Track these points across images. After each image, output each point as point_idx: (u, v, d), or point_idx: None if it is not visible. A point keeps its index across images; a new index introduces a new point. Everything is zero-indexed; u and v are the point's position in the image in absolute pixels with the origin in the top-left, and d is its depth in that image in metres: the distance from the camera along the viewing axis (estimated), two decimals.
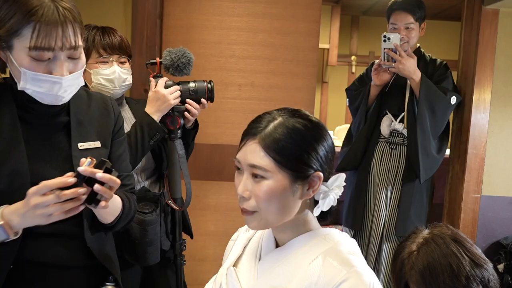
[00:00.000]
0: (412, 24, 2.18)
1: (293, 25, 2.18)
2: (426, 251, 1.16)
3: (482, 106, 2.17)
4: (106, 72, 1.53)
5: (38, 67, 0.95)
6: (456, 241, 1.19)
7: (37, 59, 0.95)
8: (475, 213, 2.22)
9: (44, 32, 0.92)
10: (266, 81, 2.20)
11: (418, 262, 1.16)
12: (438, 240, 1.18)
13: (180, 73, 1.61)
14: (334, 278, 0.84)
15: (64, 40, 0.95)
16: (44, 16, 0.92)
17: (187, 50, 1.63)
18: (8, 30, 0.94)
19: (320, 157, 0.88)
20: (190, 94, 1.62)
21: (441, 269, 1.14)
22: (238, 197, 0.90)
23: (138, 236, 1.51)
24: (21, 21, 0.92)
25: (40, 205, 0.88)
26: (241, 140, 0.90)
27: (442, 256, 1.15)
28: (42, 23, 0.92)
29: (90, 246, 1.08)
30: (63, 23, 0.94)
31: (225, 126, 2.19)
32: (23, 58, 0.95)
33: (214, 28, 2.16)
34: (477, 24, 2.14)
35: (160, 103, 1.56)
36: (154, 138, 1.55)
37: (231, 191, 2.20)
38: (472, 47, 2.18)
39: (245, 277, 0.95)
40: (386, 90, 2.25)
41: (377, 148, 2.25)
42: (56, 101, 1.01)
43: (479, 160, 2.19)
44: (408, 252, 1.20)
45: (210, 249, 2.23)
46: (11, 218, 0.91)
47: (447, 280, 1.13)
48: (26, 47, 0.94)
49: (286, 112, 0.90)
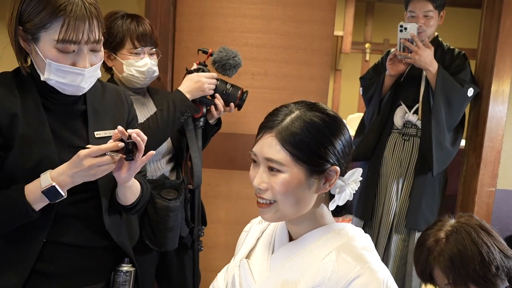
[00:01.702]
0: (431, 12, 2.12)
1: (308, 13, 2.14)
2: (457, 239, 1.16)
3: (500, 98, 2.12)
4: (139, 64, 1.56)
5: (63, 58, 1.01)
6: (486, 231, 1.19)
7: (63, 51, 1.01)
8: (489, 206, 2.19)
9: (72, 26, 0.99)
10: (280, 70, 2.18)
11: (447, 249, 1.16)
12: (468, 228, 1.18)
13: (224, 72, 1.66)
14: (347, 274, 0.84)
15: (90, 34, 1.01)
16: (73, 12, 0.98)
17: (239, 55, 1.69)
18: (37, 23, 0.99)
19: (337, 151, 0.87)
20: (222, 94, 1.66)
21: (472, 257, 1.14)
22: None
23: (161, 222, 1.56)
24: (51, 15, 0.98)
25: (94, 166, 0.99)
26: (258, 133, 0.90)
27: (473, 244, 1.15)
28: (71, 18, 0.98)
29: (108, 228, 1.14)
30: (90, 18, 1.01)
31: (237, 115, 2.17)
32: (49, 50, 1.01)
33: (227, 16, 2.14)
34: (498, 13, 2.07)
35: (196, 86, 1.59)
36: (185, 115, 1.58)
37: (243, 180, 2.21)
38: (492, 37, 2.12)
39: (257, 270, 0.96)
40: (401, 81, 2.21)
41: (390, 139, 2.23)
42: (77, 91, 1.07)
43: (495, 153, 2.15)
44: (435, 239, 1.20)
45: (221, 236, 2.25)
46: (62, 178, 1.00)
47: (477, 268, 1.14)
48: (54, 40, 0.99)
49: (303, 105, 0.89)
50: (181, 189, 1.63)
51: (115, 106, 1.19)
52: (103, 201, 1.13)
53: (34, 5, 0.99)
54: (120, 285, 1.17)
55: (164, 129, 1.54)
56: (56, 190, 0.99)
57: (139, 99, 1.65)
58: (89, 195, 1.11)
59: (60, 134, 1.07)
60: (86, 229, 1.11)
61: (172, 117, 1.54)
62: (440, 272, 1.18)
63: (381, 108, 2.24)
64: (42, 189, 0.99)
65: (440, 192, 2.21)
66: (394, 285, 0.85)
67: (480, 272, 1.14)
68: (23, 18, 1.01)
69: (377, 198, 2.25)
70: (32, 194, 1.00)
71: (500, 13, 2.06)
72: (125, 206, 1.17)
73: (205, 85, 1.60)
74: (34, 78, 1.07)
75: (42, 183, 0.99)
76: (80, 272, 1.12)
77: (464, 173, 2.31)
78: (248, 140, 2.17)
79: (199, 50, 1.68)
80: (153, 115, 1.56)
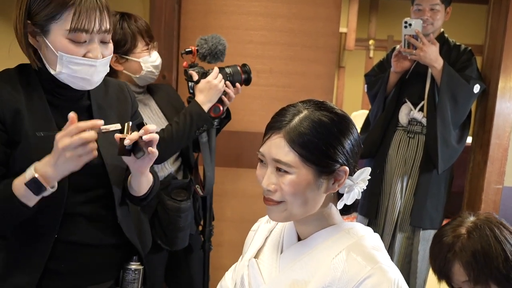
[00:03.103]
0: (438, 5, 2.09)
1: (312, 10, 2.13)
2: (480, 235, 1.15)
3: (507, 94, 2.10)
4: (153, 58, 1.57)
5: (74, 49, 1.00)
6: (507, 229, 1.17)
7: (75, 40, 1.00)
8: (496, 204, 2.17)
9: (84, 14, 0.98)
10: (285, 67, 2.17)
11: (470, 244, 1.14)
12: (491, 225, 1.16)
13: (217, 60, 1.63)
14: (358, 274, 0.84)
15: (101, 23, 1.01)
16: (83, 1, 0.98)
17: (221, 36, 1.65)
18: (47, 15, 0.98)
19: (346, 151, 0.86)
20: (228, 79, 1.63)
21: (495, 254, 1.12)
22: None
23: (172, 222, 1.55)
24: (61, 6, 0.98)
25: (68, 148, 0.92)
26: (265, 134, 0.89)
27: (496, 242, 1.14)
28: (82, 7, 0.98)
29: (121, 222, 1.13)
30: (100, 7, 1.01)
31: (242, 113, 2.17)
32: (60, 41, 1.00)
33: (232, 13, 2.13)
34: (506, 9, 2.05)
35: (212, 92, 1.57)
36: (201, 129, 1.57)
37: (249, 178, 2.20)
38: (500, 33, 2.10)
39: (266, 269, 0.95)
40: (406, 77, 2.19)
41: (395, 136, 2.21)
42: (88, 85, 1.06)
43: (502, 150, 2.13)
44: (456, 235, 1.18)
45: (227, 235, 2.25)
46: (45, 170, 0.95)
47: (500, 266, 1.12)
48: (65, 30, 0.99)
49: (311, 104, 0.88)
50: (190, 189, 1.62)
51: (118, 100, 1.19)
52: (116, 195, 1.12)
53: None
54: (129, 283, 1.16)
55: (179, 142, 1.53)
56: (39, 183, 0.94)
57: (142, 99, 1.64)
58: (100, 192, 1.10)
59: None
60: (96, 226, 1.11)
61: (188, 130, 1.53)
62: (461, 268, 1.16)
63: (385, 105, 2.22)
64: (26, 181, 0.95)
65: (445, 190, 2.20)
66: (405, 285, 0.85)
67: (504, 270, 1.12)
68: (31, 12, 1.00)
69: (382, 196, 2.24)
70: (18, 189, 0.96)
71: (507, 9, 2.04)
72: (139, 196, 1.16)
73: (219, 85, 1.58)
74: (39, 74, 1.06)
75: (27, 176, 0.96)
76: (89, 270, 1.12)
77: (470, 171, 2.30)
78: (254, 138, 2.17)
79: (183, 53, 1.65)
80: (168, 126, 1.55)
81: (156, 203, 1.58)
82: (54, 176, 0.96)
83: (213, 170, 1.67)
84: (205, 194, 1.67)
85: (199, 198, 1.71)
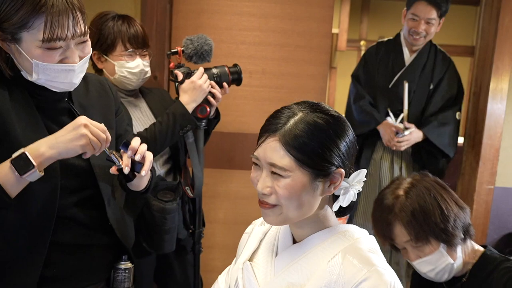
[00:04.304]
0: (434, 20, 2.11)
1: (306, 11, 2.12)
2: (417, 194, 1.20)
3: (499, 95, 2.12)
4: (131, 65, 1.53)
5: (50, 57, 0.96)
6: (442, 186, 1.23)
7: (49, 48, 0.95)
8: (488, 204, 2.19)
9: (56, 23, 0.92)
10: (278, 68, 2.16)
11: (408, 204, 1.19)
12: (426, 184, 1.22)
13: (203, 60, 1.61)
14: (354, 277, 0.83)
15: (75, 27, 0.95)
16: (55, 6, 0.92)
17: (208, 37, 1.63)
18: (16, 23, 0.92)
19: (342, 153, 0.85)
20: (214, 80, 1.62)
21: (433, 210, 1.17)
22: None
23: (157, 224, 1.53)
24: (31, 13, 0.91)
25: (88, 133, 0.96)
26: (260, 136, 0.87)
27: (432, 198, 1.19)
28: (53, 14, 0.91)
29: (112, 223, 1.13)
30: (73, 10, 0.94)
31: (235, 114, 2.16)
32: (34, 50, 0.95)
33: (225, 13, 2.11)
34: (497, 11, 2.07)
35: (197, 92, 1.56)
36: (185, 129, 1.55)
37: (241, 179, 2.19)
38: (491, 35, 2.12)
39: (261, 273, 0.94)
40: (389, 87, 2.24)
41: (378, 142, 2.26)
42: (69, 88, 1.04)
43: (494, 150, 2.15)
44: (394, 196, 1.22)
45: (219, 236, 2.23)
46: (37, 147, 0.93)
47: (438, 220, 1.17)
48: (38, 40, 0.93)
49: (306, 106, 0.87)
50: (178, 191, 1.60)
51: (100, 97, 1.16)
52: (105, 196, 1.11)
53: (11, 2, 0.92)
54: (120, 283, 1.16)
55: (162, 142, 1.52)
56: (27, 159, 0.91)
57: (132, 101, 1.62)
58: (88, 193, 1.09)
59: (53, 131, 1.02)
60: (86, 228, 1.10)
61: (171, 130, 1.52)
62: (402, 228, 1.20)
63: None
64: (11, 158, 0.91)
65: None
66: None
67: (441, 225, 1.17)
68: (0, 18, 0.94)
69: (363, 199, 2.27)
70: (1, 171, 0.92)
71: (498, 11, 2.06)
72: (139, 191, 1.16)
73: (204, 85, 1.57)
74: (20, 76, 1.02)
75: (13, 155, 0.93)
76: (81, 272, 1.10)
77: (462, 171, 2.31)
78: (246, 139, 2.15)
79: (169, 54, 1.63)
80: (151, 126, 1.53)
81: (143, 204, 1.56)
82: (48, 153, 0.94)
83: (201, 171, 1.66)
84: (194, 195, 1.65)
85: (188, 201, 1.68)
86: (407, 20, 2.16)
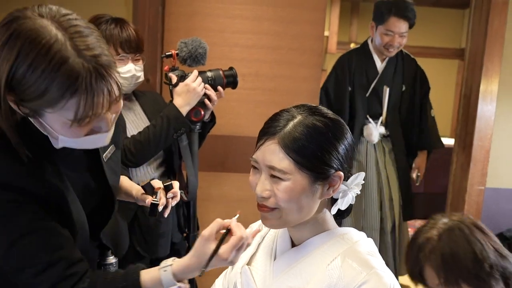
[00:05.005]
0: (406, 32, 2.27)
1: (298, 13, 2.13)
2: (449, 236, 1.14)
3: (489, 97, 2.14)
4: (122, 70, 1.51)
5: (79, 131, 0.83)
6: (480, 229, 1.17)
7: (80, 125, 0.82)
8: (479, 205, 2.21)
9: (90, 103, 0.79)
10: (270, 70, 2.16)
11: (439, 247, 1.14)
12: (462, 226, 1.16)
13: (198, 63, 1.60)
14: (353, 280, 0.83)
15: (110, 99, 0.82)
16: (89, 87, 0.77)
17: (202, 40, 1.62)
18: (43, 104, 0.78)
19: (341, 156, 0.85)
20: (209, 83, 1.61)
21: (464, 254, 1.12)
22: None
23: (151, 228, 1.51)
24: (61, 96, 0.77)
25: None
26: (259, 139, 0.87)
27: (466, 242, 1.13)
28: (88, 95, 0.78)
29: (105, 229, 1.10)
30: (107, 82, 0.80)
31: (228, 116, 2.15)
32: (60, 127, 0.82)
33: (217, 16, 2.11)
34: (486, 13, 2.10)
35: (190, 95, 1.55)
36: (179, 132, 1.54)
37: (234, 182, 2.18)
38: (481, 37, 2.14)
39: (260, 277, 0.93)
40: (366, 96, 2.38)
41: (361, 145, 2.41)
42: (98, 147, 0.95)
43: (485, 152, 2.17)
44: (427, 237, 1.17)
45: None
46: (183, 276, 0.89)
47: (469, 265, 1.11)
48: (67, 119, 0.80)
49: (305, 109, 0.87)
50: None
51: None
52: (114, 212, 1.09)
53: (33, 77, 0.75)
54: None
55: (156, 145, 1.51)
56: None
57: (126, 104, 1.61)
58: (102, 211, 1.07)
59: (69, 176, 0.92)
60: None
61: (165, 134, 1.51)
62: (432, 271, 1.16)
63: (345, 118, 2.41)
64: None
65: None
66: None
67: (473, 270, 1.12)
68: (15, 88, 0.77)
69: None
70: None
71: (488, 13, 2.08)
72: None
73: (198, 89, 1.56)
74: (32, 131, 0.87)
75: (164, 281, 0.87)
76: None
77: (453, 172, 2.33)
78: (239, 141, 2.15)
79: (163, 57, 1.62)
80: (145, 129, 1.52)
81: (136, 207, 1.55)
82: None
83: (196, 174, 1.65)
84: (189, 198, 1.64)
85: (183, 204, 1.67)
86: (380, 34, 2.29)
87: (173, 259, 0.90)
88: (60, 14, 0.80)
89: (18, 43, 0.76)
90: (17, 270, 0.86)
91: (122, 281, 0.88)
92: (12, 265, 0.86)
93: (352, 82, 2.37)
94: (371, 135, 2.36)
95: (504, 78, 2.14)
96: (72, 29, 0.79)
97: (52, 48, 0.76)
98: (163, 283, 0.87)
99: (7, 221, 0.84)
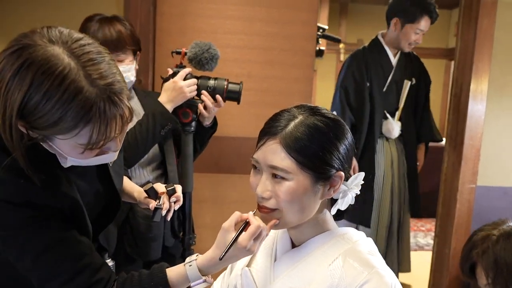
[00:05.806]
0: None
1: (290, 14, 2.13)
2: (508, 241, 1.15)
3: (479, 97, 2.17)
4: None
5: (90, 153, 0.83)
6: None
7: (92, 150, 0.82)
8: (470, 203, 2.24)
9: (103, 130, 0.79)
10: (263, 71, 2.15)
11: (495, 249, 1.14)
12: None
13: (202, 67, 1.58)
14: (355, 279, 0.83)
15: (122, 123, 0.82)
16: (102, 116, 0.77)
17: (214, 46, 1.60)
18: (53, 132, 0.78)
19: (342, 156, 0.85)
20: (207, 90, 1.59)
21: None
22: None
23: (142, 231, 1.49)
24: (75, 125, 0.76)
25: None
26: (259, 139, 0.86)
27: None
28: (101, 123, 0.78)
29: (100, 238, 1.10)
30: (119, 108, 0.79)
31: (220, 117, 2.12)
32: (71, 150, 0.82)
33: (209, 17, 2.10)
34: (476, 13, 2.12)
35: (175, 93, 1.52)
36: (166, 128, 1.52)
37: (228, 183, 2.16)
38: (470, 37, 2.17)
39: (260, 278, 0.93)
40: (383, 90, 2.43)
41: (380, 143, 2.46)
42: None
43: (475, 151, 2.20)
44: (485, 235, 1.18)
45: (207, 242, 2.17)
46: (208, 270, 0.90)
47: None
48: (78, 144, 0.80)
49: (306, 109, 0.86)
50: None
51: None
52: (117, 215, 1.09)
53: (47, 107, 0.74)
54: None
55: (144, 144, 1.49)
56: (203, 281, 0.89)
57: None
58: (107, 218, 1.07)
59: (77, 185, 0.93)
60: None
61: (152, 131, 1.49)
62: (482, 268, 1.17)
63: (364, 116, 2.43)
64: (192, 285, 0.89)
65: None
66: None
67: None
68: (27, 116, 0.76)
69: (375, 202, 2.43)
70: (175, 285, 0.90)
71: (477, 14, 2.11)
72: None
73: (185, 89, 1.53)
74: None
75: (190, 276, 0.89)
76: None
77: (445, 171, 2.36)
78: (233, 142, 2.14)
79: (173, 52, 1.61)
80: (132, 129, 1.50)
81: (128, 209, 1.52)
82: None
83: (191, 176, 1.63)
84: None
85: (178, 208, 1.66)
86: (408, 32, 2.37)
87: (197, 254, 0.92)
88: (72, 40, 0.79)
89: (30, 72, 0.74)
90: (46, 281, 0.87)
91: (149, 281, 0.89)
92: (41, 278, 0.88)
93: (370, 77, 2.42)
94: (392, 130, 2.41)
95: (493, 77, 2.16)
96: (84, 56, 0.77)
97: (66, 78, 0.74)
98: (189, 278, 0.88)
99: (31, 237, 0.85)
